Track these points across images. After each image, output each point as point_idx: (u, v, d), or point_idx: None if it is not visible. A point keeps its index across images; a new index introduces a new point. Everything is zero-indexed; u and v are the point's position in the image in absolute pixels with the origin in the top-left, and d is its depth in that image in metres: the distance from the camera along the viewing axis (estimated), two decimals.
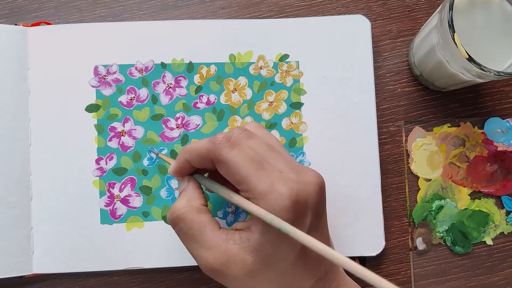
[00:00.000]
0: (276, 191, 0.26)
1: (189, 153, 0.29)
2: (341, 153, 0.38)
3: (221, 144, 0.27)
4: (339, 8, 0.41)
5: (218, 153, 0.27)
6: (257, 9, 0.41)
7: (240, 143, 0.27)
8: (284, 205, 0.25)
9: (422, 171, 0.40)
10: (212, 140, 0.28)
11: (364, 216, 0.38)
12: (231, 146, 0.27)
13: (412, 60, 0.40)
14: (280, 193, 0.26)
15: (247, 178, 0.26)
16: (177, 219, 0.28)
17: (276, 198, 0.26)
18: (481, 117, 0.41)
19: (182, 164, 0.30)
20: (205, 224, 0.28)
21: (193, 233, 0.28)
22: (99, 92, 0.38)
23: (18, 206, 0.36)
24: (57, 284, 0.38)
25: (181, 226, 0.28)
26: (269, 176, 0.26)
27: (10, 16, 0.40)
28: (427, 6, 0.41)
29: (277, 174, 0.27)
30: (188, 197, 0.29)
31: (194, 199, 0.29)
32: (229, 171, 0.27)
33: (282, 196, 0.25)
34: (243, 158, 0.27)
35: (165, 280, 0.39)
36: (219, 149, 0.27)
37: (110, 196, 0.37)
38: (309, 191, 0.27)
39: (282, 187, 0.26)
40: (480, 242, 0.39)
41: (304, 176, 0.27)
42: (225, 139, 0.27)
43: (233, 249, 0.27)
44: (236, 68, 0.39)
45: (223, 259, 0.27)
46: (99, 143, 0.38)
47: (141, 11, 0.41)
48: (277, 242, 0.26)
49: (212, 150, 0.27)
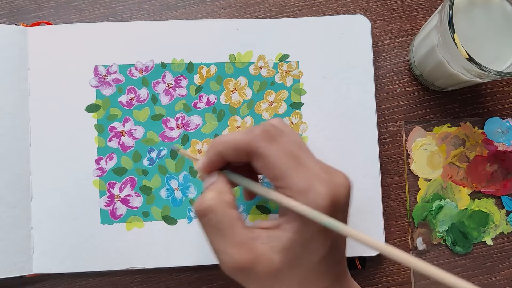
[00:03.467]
0: (315, 190, 0.25)
1: (223, 145, 0.28)
2: (341, 153, 0.38)
3: (259, 137, 0.26)
4: (339, 8, 0.41)
5: (256, 146, 0.26)
6: (257, 9, 0.41)
7: (277, 136, 0.27)
8: (324, 204, 0.25)
9: (422, 171, 0.40)
10: (249, 132, 0.27)
11: (364, 216, 0.38)
12: (270, 140, 0.26)
13: (412, 60, 0.40)
14: (319, 192, 0.25)
15: (287, 173, 0.26)
16: (207, 210, 0.27)
17: (315, 197, 0.25)
18: (481, 117, 0.41)
19: (214, 157, 0.28)
20: (235, 220, 0.27)
21: (222, 227, 0.26)
22: (99, 92, 0.38)
23: (18, 206, 0.36)
24: (57, 284, 0.38)
25: (210, 217, 0.27)
26: (307, 174, 0.26)
27: (10, 16, 0.40)
28: (427, 6, 0.41)
29: (313, 171, 0.26)
30: (218, 189, 0.28)
31: (225, 193, 0.28)
32: (267, 166, 0.26)
33: (321, 195, 0.25)
34: (282, 153, 0.26)
35: (165, 280, 0.39)
36: (258, 141, 0.26)
37: (110, 196, 0.37)
38: (341, 192, 0.27)
39: (320, 186, 0.25)
40: (480, 242, 0.39)
41: (335, 177, 0.27)
42: (263, 131, 0.27)
43: (261, 248, 0.26)
44: (236, 68, 0.39)
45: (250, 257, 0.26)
46: (99, 143, 0.38)
47: (141, 11, 0.41)
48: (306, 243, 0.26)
49: (250, 142, 0.27)
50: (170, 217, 0.38)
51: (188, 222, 0.38)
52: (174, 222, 0.38)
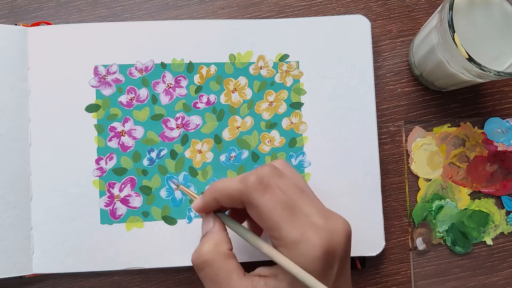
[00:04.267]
0: (307, 241, 0.26)
1: (219, 192, 0.28)
2: (341, 153, 0.38)
3: (253, 187, 0.27)
4: (339, 8, 0.41)
5: (251, 197, 0.27)
6: (257, 9, 0.41)
7: (272, 185, 0.27)
8: (317, 255, 0.25)
9: (422, 171, 0.40)
10: (243, 181, 0.27)
11: (364, 216, 0.38)
12: (263, 190, 0.27)
13: (412, 60, 0.40)
14: (312, 243, 0.26)
15: (279, 225, 0.26)
16: (204, 264, 0.28)
17: (308, 248, 0.26)
18: (481, 117, 0.41)
19: (210, 203, 0.29)
20: (232, 271, 0.27)
21: (219, 279, 0.27)
22: (99, 92, 0.38)
23: (18, 206, 0.36)
24: (57, 284, 0.38)
25: (207, 271, 0.28)
26: (300, 223, 0.26)
27: (10, 16, 0.40)
28: (427, 6, 0.41)
29: (307, 220, 0.27)
30: (215, 240, 0.29)
31: (222, 243, 0.29)
32: (260, 216, 0.27)
33: (314, 246, 0.26)
34: (275, 204, 0.26)
35: (165, 280, 0.39)
36: (252, 193, 0.27)
37: (110, 196, 0.37)
38: (339, 240, 0.27)
39: (313, 236, 0.26)
40: (480, 242, 0.39)
41: (333, 223, 0.27)
42: (257, 181, 0.27)
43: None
44: (236, 68, 0.39)
45: None
46: (99, 143, 0.38)
47: (141, 11, 0.41)
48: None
49: (244, 193, 0.27)
50: (170, 217, 0.38)
51: (188, 222, 0.38)
52: (174, 222, 0.38)
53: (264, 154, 0.39)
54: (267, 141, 0.39)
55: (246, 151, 0.39)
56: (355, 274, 0.39)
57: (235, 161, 0.38)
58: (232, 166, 0.38)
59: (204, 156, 0.38)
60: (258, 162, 0.38)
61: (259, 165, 0.38)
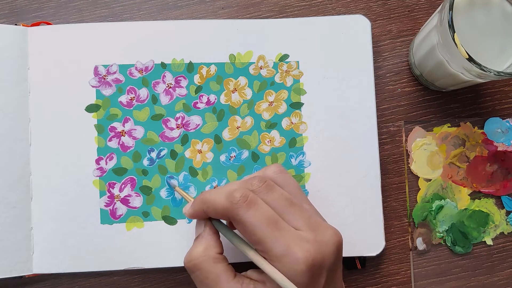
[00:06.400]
0: (291, 255, 0.26)
1: (206, 205, 0.30)
2: (341, 153, 0.38)
3: (238, 204, 0.28)
4: (339, 8, 0.41)
5: (235, 213, 0.28)
6: (257, 9, 0.41)
7: (257, 202, 0.28)
8: (300, 269, 0.26)
9: (422, 171, 0.40)
10: (229, 198, 0.28)
11: (364, 216, 0.38)
12: (248, 206, 0.27)
13: (412, 60, 0.40)
14: (296, 257, 0.26)
15: (263, 240, 0.27)
16: (194, 268, 0.29)
17: (292, 262, 0.26)
18: (481, 117, 0.41)
19: (198, 212, 0.31)
20: (220, 274, 0.29)
21: (208, 282, 0.29)
22: (99, 92, 0.38)
23: (18, 206, 0.36)
24: (57, 284, 0.38)
25: (198, 274, 0.29)
26: (285, 238, 0.27)
27: (10, 16, 0.40)
28: (427, 6, 0.41)
29: (293, 234, 0.27)
30: (205, 245, 0.30)
31: (211, 247, 0.30)
32: (245, 232, 0.28)
33: (297, 260, 0.26)
34: (260, 219, 0.27)
35: (165, 280, 0.39)
36: (236, 209, 0.28)
37: (110, 196, 0.37)
38: (326, 252, 0.27)
39: (298, 251, 0.26)
40: (480, 242, 0.39)
41: (321, 235, 0.28)
42: (242, 198, 0.28)
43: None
44: (236, 68, 0.39)
45: None
46: (99, 143, 0.38)
47: (141, 11, 0.41)
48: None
49: (229, 209, 0.28)
50: (170, 217, 0.38)
51: (188, 222, 0.38)
52: (174, 222, 0.38)
53: (264, 154, 0.39)
54: (267, 141, 0.39)
55: (246, 151, 0.39)
56: (355, 274, 0.39)
57: (235, 161, 0.38)
58: (232, 166, 0.38)
59: (204, 156, 0.38)
60: (258, 162, 0.38)
61: (259, 165, 0.38)
